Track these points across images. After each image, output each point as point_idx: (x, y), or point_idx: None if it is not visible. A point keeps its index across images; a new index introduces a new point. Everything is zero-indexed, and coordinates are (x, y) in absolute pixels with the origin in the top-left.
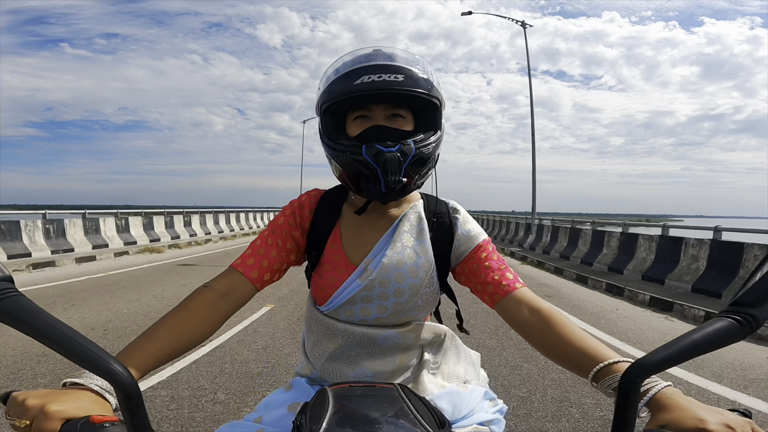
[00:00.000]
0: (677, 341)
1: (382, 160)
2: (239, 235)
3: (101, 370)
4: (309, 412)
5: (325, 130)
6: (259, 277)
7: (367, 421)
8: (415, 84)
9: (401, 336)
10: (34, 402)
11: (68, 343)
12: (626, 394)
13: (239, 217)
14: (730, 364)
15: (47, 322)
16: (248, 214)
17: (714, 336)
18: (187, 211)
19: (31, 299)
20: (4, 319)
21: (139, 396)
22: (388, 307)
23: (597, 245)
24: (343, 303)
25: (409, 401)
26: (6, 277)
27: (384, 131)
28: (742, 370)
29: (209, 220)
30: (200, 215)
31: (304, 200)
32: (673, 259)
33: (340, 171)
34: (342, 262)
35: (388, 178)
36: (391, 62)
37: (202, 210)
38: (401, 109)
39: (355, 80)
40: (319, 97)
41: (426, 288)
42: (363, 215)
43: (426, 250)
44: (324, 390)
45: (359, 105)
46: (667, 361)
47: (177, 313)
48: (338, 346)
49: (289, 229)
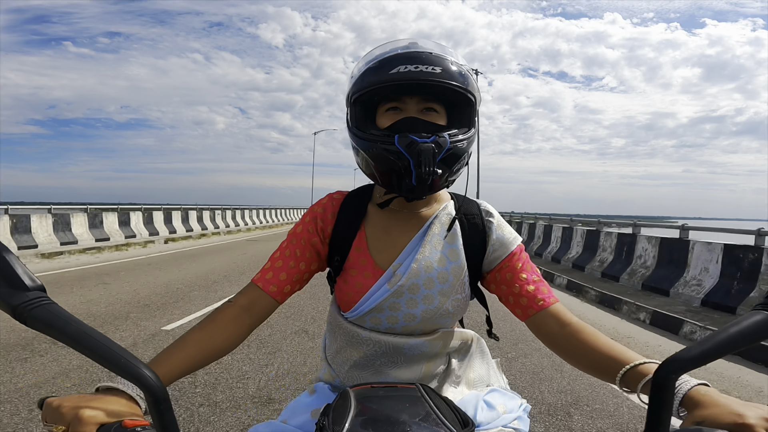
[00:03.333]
0: (713, 336)
1: (416, 151)
2: (243, 230)
3: (131, 375)
4: (332, 413)
5: (354, 120)
6: (279, 291)
7: (390, 421)
8: (451, 77)
9: (428, 344)
10: (69, 408)
11: (99, 349)
12: (660, 391)
13: (243, 214)
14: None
15: (79, 329)
16: (252, 212)
17: (751, 330)
18: (200, 208)
19: (63, 307)
20: (38, 327)
21: (168, 400)
22: (417, 315)
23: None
24: (369, 310)
25: (432, 401)
26: (38, 286)
27: (417, 123)
28: None
29: (222, 216)
30: (211, 211)
31: (326, 203)
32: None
33: (367, 162)
34: (369, 267)
35: (420, 169)
36: (427, 53)
37: (213, 207)
38: (435, 103)
39: (389, 70)
40: (350, 87)
41: (457, 294)
42: (391, 216)
43: (458, 254)
44: (346, 391)
45: (392, 96)
46: (703, 357)
47: (204, 326)
48: (362, 355)
49: (308, 237)
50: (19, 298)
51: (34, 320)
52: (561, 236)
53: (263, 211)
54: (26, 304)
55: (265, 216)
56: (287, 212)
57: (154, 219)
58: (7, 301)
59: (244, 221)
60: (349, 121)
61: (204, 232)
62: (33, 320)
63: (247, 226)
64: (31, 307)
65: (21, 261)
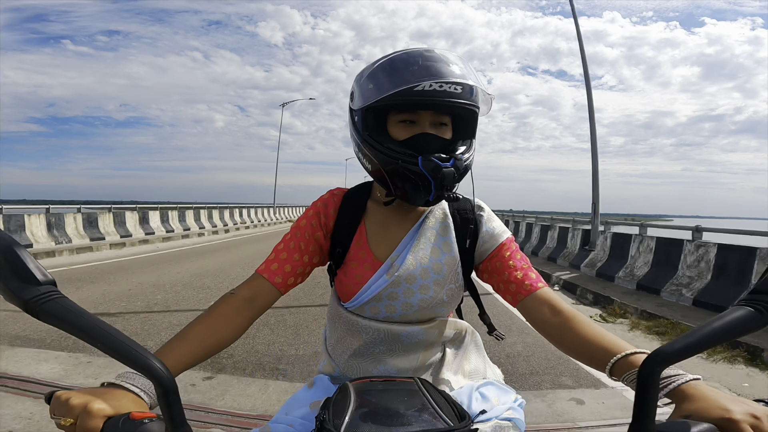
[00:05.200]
0: (697, 331)
1: (440, 176)
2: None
3: (142, 366)
4: (331, 407)
5: (366, 127)
6: (284, 282)
7: (389, 414)
8: (469, 96)
9: (425, 332)
10: (78, 401)
11: (111, 342)
12: (645, 384)
13: (241, 213)
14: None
15: (90, 322)
16: (250, 210)
17: (733, 325)
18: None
19: (74, 301)
20: (50, 321)
21: (176, 392)
22: (414, 304)
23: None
24: (369, 300)
25: (429, 395)
26: (50, 281)
27: (432, 140)
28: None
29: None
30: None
31: (327, 199)
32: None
33: (380, 170)
34: (368, 259)
35: (442, 192)
36: (450, 69)
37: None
38: (445, 116)
39: (414, 83)
40: (365, 90)
41: (451, 284)
42: (389, 211)
43: (450, 246)
44: (345, 385)
45: (408, 108)
46: (687, 351)
47: (205, 318)
48: (362, 343)
49: (312, 231)
50: (31, 292)
51: (45, 314)
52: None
53: (265, 209)
54: (38, 299)
55: (265, 213)
56: (290, 210)
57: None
58: (18, 296)
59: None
60: (358, 125)
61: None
62: (45, 314)
63: (248, 223)
64: (43, 301)
65: (32, 255)
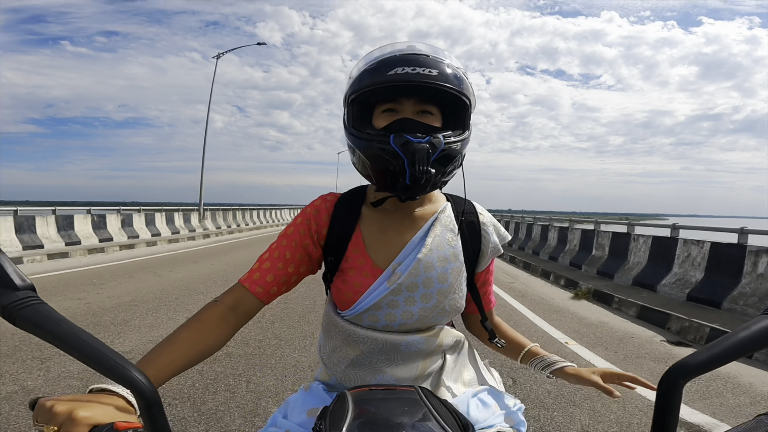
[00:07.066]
0: (721, 341)
1: (410, 150)
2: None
3: (122, 378)
4: (329, 416)
5: (351, 120)
6: (265, 292)
7: (389, 425)
8: (447, 80)
9: (425, 341)
10: (62, 408)
11: (89, 352)
12: (667, 396)
13: (244, 215)
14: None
15: (69, 330)
16: (252, 212)
17: (760, 335)
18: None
19: (53, 308)
20: (26, 328)
21: (160, 404)
22: (414, 313)
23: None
24: (368, 308)
25: (431, 404)
26: (28, 285)
27: (412, 124)
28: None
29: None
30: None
31: (319, 205)
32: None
33: (363, 162)
34: (367, 266)
35: (415, 168)
36: (425, 56)
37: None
38: (431, 105)
39: (387, 71)
40: (348, 87)
41: (454, 294)
42: (386, 216)
43: (457, 254)
44: (344, 394)
45: (389, 97)
46: (712, 362)
47: (190, 326)
48: (359, 353)
49: (299, 240)
50: (8, 297)
51: (22, 320)
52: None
53: (267, 210)
54: (15, 304)
55: (269, 216)
56: (289, 212)
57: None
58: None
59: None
60: (345, 120)
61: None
62: (22, 320)
63: (246, 225)
64: (21, 306)
65: (11, 260)
